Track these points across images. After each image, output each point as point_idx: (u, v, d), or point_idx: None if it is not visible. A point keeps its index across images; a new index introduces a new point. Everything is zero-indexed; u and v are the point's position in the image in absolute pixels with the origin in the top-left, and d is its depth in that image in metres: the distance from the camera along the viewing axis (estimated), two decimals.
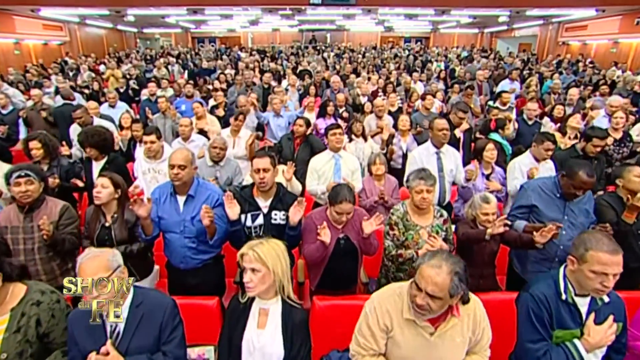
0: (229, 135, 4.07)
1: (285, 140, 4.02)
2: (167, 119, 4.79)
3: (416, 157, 3.15)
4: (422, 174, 2.29)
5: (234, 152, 3.99)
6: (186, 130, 3.87)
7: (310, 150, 3.96)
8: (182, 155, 2.20)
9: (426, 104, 4.96)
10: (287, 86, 7.24)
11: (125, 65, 12.57)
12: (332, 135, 3.12)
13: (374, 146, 4.14)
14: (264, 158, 2.21)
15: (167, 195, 2.28)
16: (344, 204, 2.14)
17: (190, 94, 5.49)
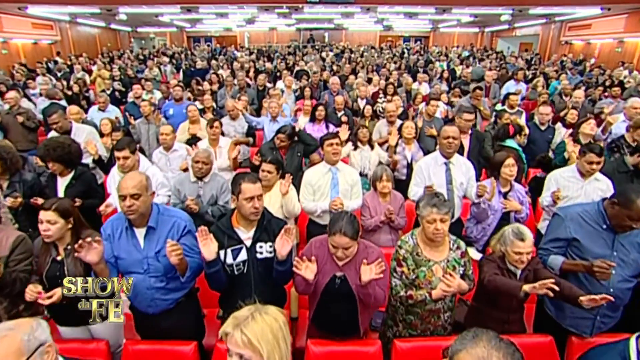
0: (208, 146, 3.70)
1: (267, 150, 3.58)
2: (150, 125, 4.42)
3: (422, 168, 2.80)
4: (434, 200, 1.91)
5: (217, 164, 3.62)
6: (168, 139, 3.50)
7: (300, 155, 3.61)
8: (133, 182, 1.82)
9: (429, 110, 4.60)
10: (283, 87, 6.87)
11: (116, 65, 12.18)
12: (328, 146, 2.73)
13: (381, 154, 3.77)
14: (254, 183, 1.85)
15: (122, 230, 1.90)
16: (337, 237, 1.79)
17: (178, 96, 5.12)
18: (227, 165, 3.66)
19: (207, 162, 2.87)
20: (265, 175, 2.69)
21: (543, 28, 16.36)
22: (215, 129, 3.68)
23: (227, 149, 3.67)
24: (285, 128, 3.57)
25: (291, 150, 3.61)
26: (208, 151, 2.89)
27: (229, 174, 3.63)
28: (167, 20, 16.05)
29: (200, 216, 2.77)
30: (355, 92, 6.80)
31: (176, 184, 2.89)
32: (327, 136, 2.80)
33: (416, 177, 2.84)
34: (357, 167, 3.61)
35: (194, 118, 4.38)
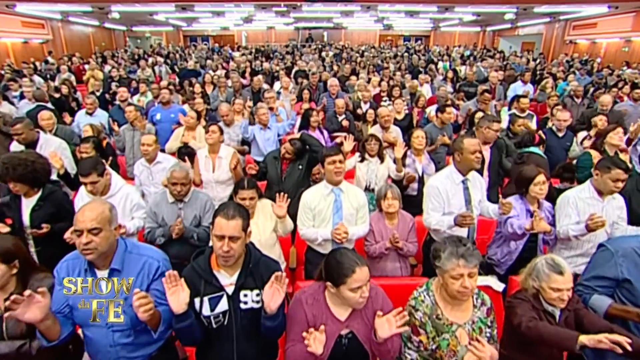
0: (207, 156, 3.37)
1: (271, 159, 3.27)
2: (136, 131, 4.07)
3: (439, 189, 2.43)
4: (461, 249, 1.53)
5: (214, 177, 3.28)
6: (150, 150, 3.13)
7: (302, 169, 3.26)
8: (92, 214, 1.47)
9: (444, 118, 4.22)
10: (280, 89, 6.51)
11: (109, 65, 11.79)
12: (330, 164, 2.30)
13: (391, 167, 3.36)
14: (232, 220, 1.50)
15: (81, 273, 1.54)
16: (358, 273, 1.45)
17: (165, 100, 4.75)
18: (227, 177, 3.31)
19: (185, 183, 2.48)
20: (248, 204, 2.34)
21: (547, 27, 16.03)
22: (213, 133, 3.29)
23: (227, 159, 3.32)
24: (295, 142, 3.24)
25: (292, 164, 3.25)
26: (185, 170, 2.51)
27: (227, 189, 3.31)
28: (162, 19, 15.67)
29: (185, 241, 2.43)
30: (357, 94, 6.46)
31: (152, 206, 2.51)
32: (329, 152, 2.35)
33: (432, 200, 2.45)
34: (363, 181, 3.25)
35: (190, 125, 4.02)
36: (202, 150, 3.43)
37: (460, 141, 2.43)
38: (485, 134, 3.18)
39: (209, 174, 3.29)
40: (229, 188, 3.34)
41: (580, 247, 2.46)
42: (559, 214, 2.47)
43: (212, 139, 3.28)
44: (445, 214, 2.46)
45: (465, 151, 2.40)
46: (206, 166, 3.30)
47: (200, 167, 3.32)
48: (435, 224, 2.46)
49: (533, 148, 3.42)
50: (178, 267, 2.54)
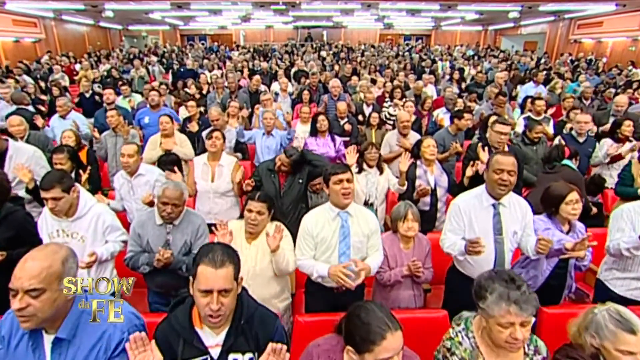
0: (205, 163, 3.02)
1: (265, 171, 2.90)
2: (119, 138, 3.73)
3: (462, 209, 2.09)
4: (514, 292, 1.22)
5: (213, 187, 2.94)
6: (131, 161, 2.78)
7: (302, 183, 2.93)
8: (34, 270, 1.12)
9: (461, 125, 3.88)
10: (278, 90, 6.18)
11: (103, 65, 11.45)
12: (336, 184, 1.94)
13: (391, 180, 3.04)
14: (222, 268, 1.18)
15: (24, 334, 1.22)
16: (390, 339, 1.11)
17: (154, 102, 4.41)
18: (227, 188, 2.98)
19: (178, 204, 2.12)
20: (253, 219, 2.04)
21: (550, 26, 15.73)
22: (216, 140, 2.98)
23: (230, 169, 3.00)
24: (292, 152, 2.88)
25: (291, 177, 2.90)
26: (179, 188, 2.15)
27: (229, 202, 2.97)
28: (158, 18, 15.31)
29: (172, 271, 2.09)
30: (359, 96, 6.13)
31: (136, 227, 2.17)
32: (335, 169, 1.96)
33: (452, 221, 2.12)
34: (362, 194, 2.94)
35: (166, 131, 3.67)
36: (201, 157, 3.08)
37: (490, 157, 2.10)
38: (493, 137, 2.86)
39: (206, 183, 2.96)
40: (229, 200, 3.02)
41: (636, 269, 2.14)
42: (611, 228, 2.16)
43: (215, 147, 2.97)
44: (466, 239, 2.13)
45: (490, 168, 2.06)
46: (204, 175, 2.98)
47: (196, 176, 2.99)
48: (448, 247, 2.13)
49: (566, 162, 3.08)
50: (162, 297, 2.27)
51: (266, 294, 2.06)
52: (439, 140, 3.95)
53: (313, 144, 3.84)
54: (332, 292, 2.10)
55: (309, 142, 3.86)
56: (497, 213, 2.11)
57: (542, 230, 2.11)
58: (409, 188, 2.88)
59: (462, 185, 2.83)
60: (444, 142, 3.91)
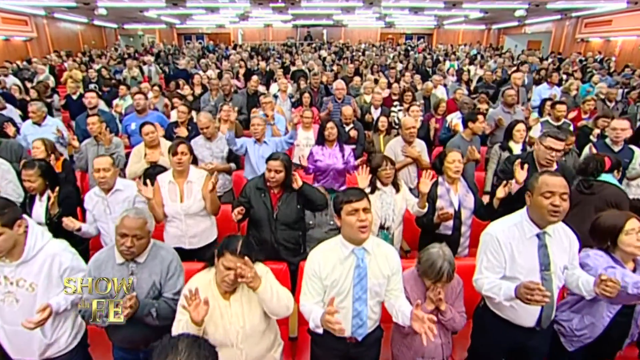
0: (171, 182, 2.57)
1: (254, 191, 2.47)
2: (100, 147, 3.33)
3: (500, 242, 1.71)
4: None
5: (183, 208, 2.52)
6: (107, 176, 2.36)
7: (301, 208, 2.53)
8: None
9: (475, 128, 3.50)
10: (277, 92, 5.78)
11: (97, 65, 11.01)
12: (350, 214, 1.57)
13: (409, 199, 2.60)
14: None
15: None
16: None
17: (140, 107, 3.96)
18: (199, 208, 2.55)
19: (140, 236, 1.71)
20: (231, 278, 1.56)
21: (556, 25, 15.34)
22: (182, 155, 2.50)
23: (200, 185, 2.56)
24: (279, 154, 2.49)
25: (288, 196, 2.44)
26: (142, 216, 1.75)
27: (201, 223, 2.57)
28: (153, 16, 14.88)
29: (139, 321, 1.68)
30: (363, 98, 5.74)
31: (93, 269, 1.75)
32: (349, 197, 1.58)
33: (487, 256, 1.75)
34: (377, 217, 2.53)
35: (151, 141, 3.26)
36: (166, 175, 2.62)
37: (534, 178, 1.71)
38: (541, 153, 2.46)
39: (175, 204, 2.52)
40: (204, 220, 2.60)
41: None
42: None
43: (181, 165, 2.50)
44: (507, 277, 1.74)
45: (537, 191, 1.67)
46: (171, 195, 2.54)
47: (163, 197, 2.55)
48: (488, 290, 1.74)
49: (606, 176, 2.60)
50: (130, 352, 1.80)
51: (262, 349, 1.68)
52: (453, 147, 3.58)
53: (319, 153, 3.44)
54: (344, 341, 1.72)
55: (314, 152, 3.46)
56: (543, 244, 1.73)
57: (603, 268, 1.72)
58: (429, 209, 2.48)
59: (491, 208, 2.44)
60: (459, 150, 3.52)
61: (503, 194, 2.33)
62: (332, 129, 3.41)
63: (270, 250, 2.44)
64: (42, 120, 3.90)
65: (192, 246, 2.56)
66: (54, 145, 3.13)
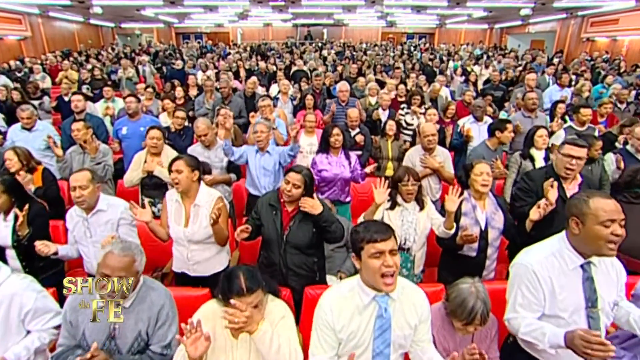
0: (177, 201, 2.24)
1: (266, 207, 2.17)
2: (86, 155, 3.05)
3: (538, 276, 1.45)
4: None
5: (187, 234, 2.19)
6: (84, 194, 2.03)
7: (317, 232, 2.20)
8: None
9: (503, 138, 3.22)
10: (278, 94, 5.50)
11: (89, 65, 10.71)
12: (374, 258, 1.27)
13: (434, 218, 2.31)
14: None
15: None
16: None
17: (131, 110, 3.66)
18: (206, 235, 2.21)
19: (125, 276, 1.41)
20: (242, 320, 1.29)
21: (561, 24, 15.08)
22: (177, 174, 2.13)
23: (208, 210, 2.18)
24: (302, 167, 2.20)
25: (302, 216, 2.11)
26: (129, 254, 1.46)
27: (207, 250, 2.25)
28: (151, 15, 14.59)
29: None
30: (367, 100, 5.47)
31: (68, 312, 1.48)
32: (371, 234, 1.28)
33: (524, 293, 1.49)
34: (397, 237, 2.24)
35: (155, 148, 2.98)
36: (172, 192, 2.30)
37: (581, 201, 1.44)
38: (560, 162, 2.19)
39: (179, 228, 2.22)
40: (210, 248, 2.28)
41: None
42: None
43: (179, 184, 2.14)
44: (547, 316, 1.48)
45: (592, 219, 1.40)
46: (176, 216, 2.25)
47: (169, 217, 2.27)
48: (527, 334, 1.47)
49: None
50: None
51: None
52: (476, 157, 3.30)
53: (324, 162, 3.14)
54: None
55: (318, 161, 3.16)
56: (588, 277, 1.47)
57: None
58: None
59: (523, 230, 2.18)
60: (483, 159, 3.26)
61: (538, 217, 2.07)
62: (338, 136, 3.11)
63: (278, 274, 2.18)
64: (32, 125, 3.63)
65: (197, 274, 2.28)
66: (30, 155, 2.82)
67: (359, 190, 3.80)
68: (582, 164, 2.18)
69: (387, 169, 4.04)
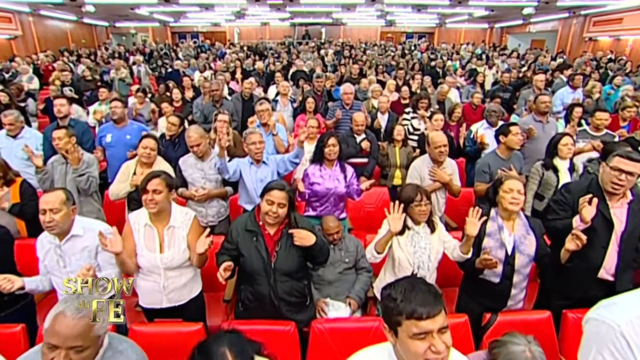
0: (148, 225, 1.94)
1: (242, 234, 1.90)
2: (69, 166, 2.76)
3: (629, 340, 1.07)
4: None
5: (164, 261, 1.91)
6: (56, 218, 1.74)
7: None
8: None
9: (509, 142, 2.92)
10: (277, 96, 5.22)
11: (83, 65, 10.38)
12: (417, 338, 0.95)
13: (447, 242, 2.05)
14: None
15: None
16: None
17: (117, 116, 3.35)
18: (182, 260, 1.94)
19: (83, 347, 1.08)
20: None
21: (562, 23, 14.88)
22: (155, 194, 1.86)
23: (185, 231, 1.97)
24: (282, 184, 1.91)
25: (288, 239, 1.86)
26: (85, 316, 1.11)
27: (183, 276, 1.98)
28: (145, 14, 14.26)
29: None
30: (371, 102, 5.20)
31: None
32: (413, 306, 0.95)
33: (605, 358, 1.11)
34: (409, 265, 1.97)
35: (147, 159, 2.69)
36: (139, 214, 1.97)
37: None
38: (607, 177, 1.92)
39: (153, 255, 1.92)
40: (187, 272, 2.01)
41: None
42: None
43: (154, 206, 1.87)
44: None
45: None
46: (148, 242, 1.93)
47: (137, 244, 1.94)
48: None
49: None
50: None
51: None
52: (482, 168, 3.03)
53: (316, 175, 2.79)
54: None
55: (310, 174, 2.81)
56: None
57: None
58: (474, 250, 1.94)
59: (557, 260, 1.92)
60: (489, 170, 2.98)
61: (574, 247, 1.81)
62: (334, 146, 2.77)
63: (269, 307, 1.92)
64: (17, 132, 3.33)
65: (171, 304, 2.00)
66: (6, 166, 2.53)
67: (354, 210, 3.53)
68: (633, 180, 1.91)
69: (395, 178, 3.78)
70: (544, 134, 3.57)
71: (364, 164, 3.70)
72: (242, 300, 1.99)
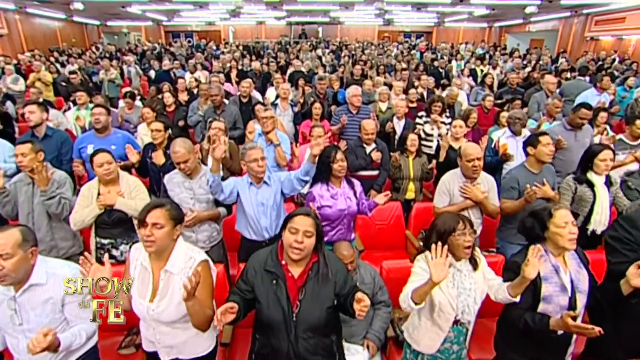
0: (144, 266, 1.58)
1: (261, 275, 1.54)
2: (36, 187, 2.38)
3: None
4: None
5: (154, 312, 1.55)
6: (8, 267, 1.36)
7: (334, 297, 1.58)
8: None
9: (539, 155, 2.55)
10: (276, 100, 4.86)
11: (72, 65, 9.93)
12: None
13: (491, 279, 1.72)
14: None
15: None
16: None
17: (99, 124, 2.96)
18: (178, 316, 1.58)
19: None
20: None
21: (563, 22, 14.66)
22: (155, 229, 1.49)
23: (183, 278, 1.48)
24: (306, 210, 1.58)
25: (316, 284, 1.50)
26: None
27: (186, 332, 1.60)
28: (137, 12, 13.80)
29: None
30: (378, 105, 4.87)
31: None
32: None
33: None
34: (451, 309, 1.63)
35: (106, 175, 2.26)
36: (139, 250, 1.61)
37: None
38: None
39: (142, 302, 1.56)
40: (187, 329, 1.60)
41: None
42: None
43: (151, 244, 1.49)
44: None
45: None
46: (140, 287, 1.57)
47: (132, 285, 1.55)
48: None
49: None
50: None
51: None
52: (511, 183, 2.67)
53: (325, 197, 2.38)
54: None
55: (317, 195, 2.40)
56: None
57: None
58: (522, 299, 1.60)
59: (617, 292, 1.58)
60: (518, 186, 2.64)
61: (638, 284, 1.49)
62: (342, 161, 2.37)
63: None
64: None
65: (171, 357, 1.64)
66: None
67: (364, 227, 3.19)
68: None
69: (408, 191, 3.46)
70: (575, 142, 3.25)
71: (375, 177, 3.35)
72: (255, 351, 1.63)
